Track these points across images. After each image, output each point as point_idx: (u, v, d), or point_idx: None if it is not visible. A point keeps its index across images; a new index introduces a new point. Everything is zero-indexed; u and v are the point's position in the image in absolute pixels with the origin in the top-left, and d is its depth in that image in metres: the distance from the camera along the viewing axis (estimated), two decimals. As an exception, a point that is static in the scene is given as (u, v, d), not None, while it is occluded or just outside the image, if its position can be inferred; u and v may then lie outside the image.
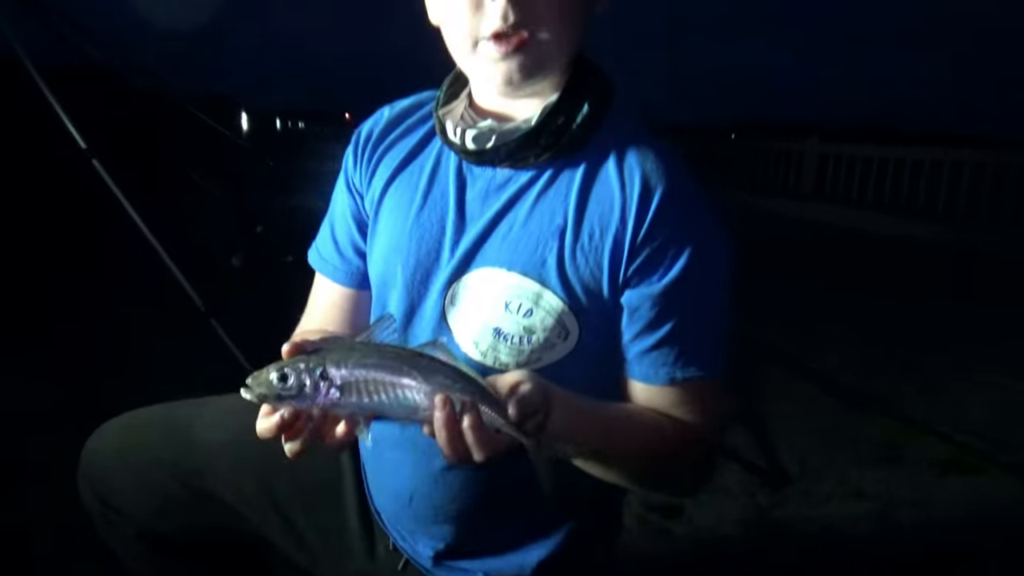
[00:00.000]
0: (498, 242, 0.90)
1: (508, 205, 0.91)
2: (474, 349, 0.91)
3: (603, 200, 0.88)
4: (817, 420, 3.16)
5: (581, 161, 0.90)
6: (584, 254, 0.87)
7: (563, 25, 0.84)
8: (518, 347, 0.89)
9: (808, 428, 3.05)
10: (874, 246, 8.94)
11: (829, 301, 5.56)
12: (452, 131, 0.93)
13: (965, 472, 2.74)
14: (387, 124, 1.04)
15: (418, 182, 0.97)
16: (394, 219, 0.98)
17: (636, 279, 0.87)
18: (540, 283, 0.88)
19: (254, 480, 1.13)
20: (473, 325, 0.91)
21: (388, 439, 0.99)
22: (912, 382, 3.72)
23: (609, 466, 0.89)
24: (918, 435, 3.05)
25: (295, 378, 0.72)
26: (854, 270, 7.23)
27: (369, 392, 0.73)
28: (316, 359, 0.73)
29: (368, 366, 0.72)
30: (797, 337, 4.43)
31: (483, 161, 0.92)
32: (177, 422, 1.17)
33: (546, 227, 0.89)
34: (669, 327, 0.87)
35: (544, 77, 0.88)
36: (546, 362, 0.90)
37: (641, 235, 0.86)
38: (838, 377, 3.73)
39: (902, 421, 3.19)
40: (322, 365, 0.72)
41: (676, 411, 0.91)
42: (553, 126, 0.89)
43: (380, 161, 1.02)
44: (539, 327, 0.88)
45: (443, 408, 0.71)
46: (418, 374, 0.73)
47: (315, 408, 0.73)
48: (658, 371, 0.89)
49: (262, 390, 0.72)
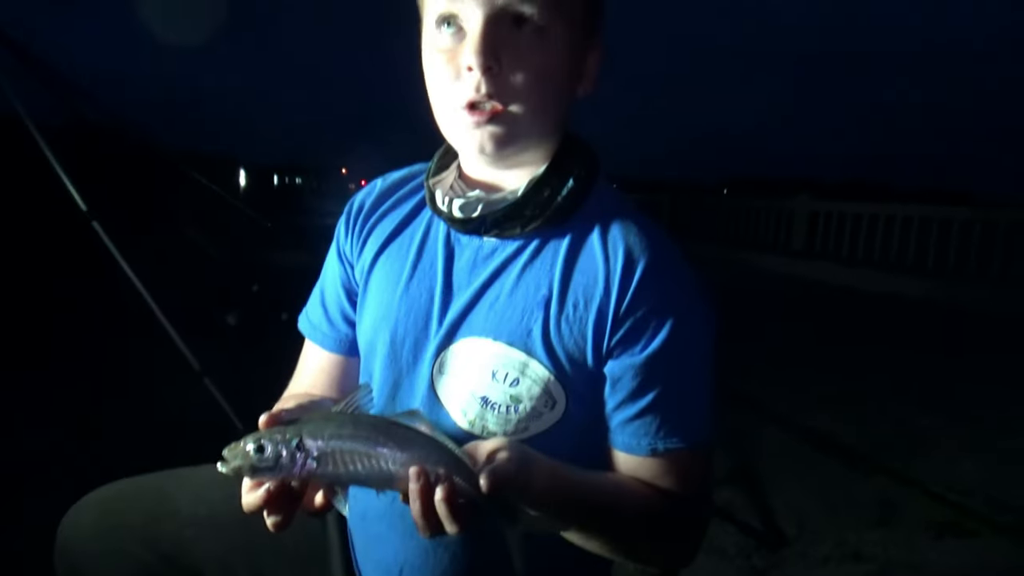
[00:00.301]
0: (484, 312, 0.91)
1: (494, 275, 0.92)
2: (462, 418, 0.91)
3: (587, 271, 0.89)
4: (813, 479, 3.14)
5: (566, 232, 0.91)
6: (569, 324, 0.88)
7: (538, 101, 0.86)
8: (505, 416, 0.90)
9: (804, 488, 3.03)
10: (864, 303, 9.00)
11: (821, 358, 5.58)
12: (441, 200, 0.95)
13: (962, 535, 2.71)
14: (379, 195, 1.06)
15: (407, 252, 0.99)
16: (383, 288, 0.99)
17: (619, 349, 0.88)
18: (526, 352, 0.88)
19: (238, 553, 1.11)
20: (461, 394, 0.91)
21: (376, 511, 0.98)
22: (907, 440, 3.72)
23: (593, 537, 0.89)
24: (914, 494, 3.03)
25: (272, 449, 0.72)
26: (845, 327, 7.26)
27: (345, 462, 0.73)
28: (292, 430, 0.73)
29: (344, 436, 0.73)
30: (791, 395, 4.43)
31: (470, 230, 0.94)
32: (157, 495, 1.14)
33: (531, 297, 0.90)
34: (651, 397, 0.88)
35: (520, 149, 0.90)
36: (533, 431, 0.90)
37: (624, 306, 0.87)
38: (833, 435, 3.72)
39: (898, 480, 3.17)
40: (298, 436, 0.72)
41: (660, 482, 0.90)
42: (539, 198, 0.90)
43: (371, 231, 1.04)
44: (526, 396, 0.89)
45: (417, 480, 0.71)
46: (393, 444, 0.73)
47: (293, 479, 0.73)
48: (640, 441, 0.89)
49: (238, 462, 0.72)
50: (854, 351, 5.92)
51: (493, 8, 0.81)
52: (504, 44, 0.82)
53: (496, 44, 0.82)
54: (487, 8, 0.81)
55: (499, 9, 0.81)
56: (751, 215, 14.30)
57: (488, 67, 0.82)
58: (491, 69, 0.82)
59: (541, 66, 0.84)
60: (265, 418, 0.75)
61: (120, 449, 2.58)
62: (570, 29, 0.86)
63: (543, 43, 0.84)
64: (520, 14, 0.82)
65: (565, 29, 0.85)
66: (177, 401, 2.64)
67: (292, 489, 0.74)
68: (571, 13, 0.85)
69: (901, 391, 4.69)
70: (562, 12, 0.84)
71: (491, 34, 0.81)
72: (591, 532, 0.88)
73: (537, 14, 0.82)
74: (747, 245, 13.67)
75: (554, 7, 0.83)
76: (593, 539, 0.89)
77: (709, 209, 15.93)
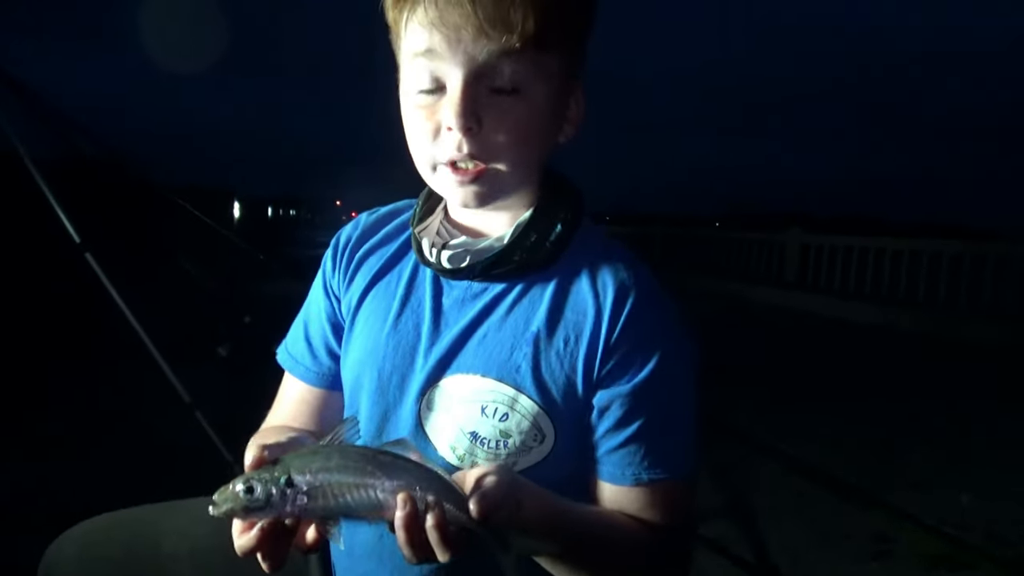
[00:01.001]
0: (473, 348, 0.92)
1: (483, 313, 0.93)
2: (451, 454, 0.91)
3: (577, 308, 0.91)
4: (807, 513, 3.12)
5: (554, 272, 0.93)
6: (559, 358, 0.89)
7: (520, 157, 0.87)
8: (495, 451, 0.90)
9: (798, 521, 3.01)
10: (857, 334, 9.04)
11: (814, 390, 5.58)
12: (428, 250, 0.96)
13: (957, 568, 2.70)
14: (365, 231, 1.06)
15: (396, 289, 0.99)
16: (371, 325, 0.99)
17: (608, 380, 0.89)
18: (515, 387, 0.89)
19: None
20: (449, 430, 0.91)
21: (364, 547, 0.97)
22: (900, 473, 3.71)
23: (580, 568, 0.88)
24: (908, 528, 3.01)
25: (261, 489, 0.71)
26: (838, 359, 7.28)
27: (335, 495, 0.72)
28: (280, 468, 0.73)
29: (331, 469, 0.73)
30: (784, 428, 4.43)
31: (458, 277, 0.95)
32: (140, 529, 1.12)
33: (520, 334, 0.91)
34: (636, 427, 0.89)
35: (503, 200, 0.92)
36: (522, 466, 0.90)
37: (614, 338, 0.88)
38: (827, 469, 3.71)
39: (892, 513, 3.16)
40: (287, 473, 0.72)
41: (645, 514, 0.90)
42: (526, 243, 0.92)
43: (359, 267, 1.04)
44: (515, 431, 0.89)
45: (404, 507, 0.71)
46: (382, 473, 0.73)
47: (285, 517, 0.73)
48: (624, 471, 0.89)
49: (229, 505, 0.72)
50: (847, 383, 5.93)
51: (474, 68, 0.81)
52: (484, 105, 0.83)
53: (476, 105, 0.82)
54: (467, 71, 0.82)
55: (479, 68, 0.82)
56: (743, 247, 14.41)
57: (468, 128, 0.82)
58: (471, 130, 0.82)
59: (521, 124, 0.85)
60: (251, 460, 0.75)
61: (108, 481, 2.55)
62: (548, 85, 0.86)
63: (524, 104, 0.84)
64: (499, 73, 0.82)
65: (543, 85, 0.85)
66: (167, 433, 2.62)
67: (285, 527, 0.74)
68: (551, 70, 0.86)
69: (895, 424, 4.69)
70: (539, 71, 0.84)
71: (470, 96, 0.82)
72: (579, 562, 0.87)
73: (518, 77, 0.83)
74: (739, 277, 13.75)
75: (535, 67, 0.83)
76: (580, 570, 0.88)
77: (702, 241, 16.04)
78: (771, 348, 7.69)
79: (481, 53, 0.81)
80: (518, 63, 0.82)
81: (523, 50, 0.81)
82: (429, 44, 0.82)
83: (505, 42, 0.80)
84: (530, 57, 0.82)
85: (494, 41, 0.80)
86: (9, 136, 2.37)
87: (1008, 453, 4.09)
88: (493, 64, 0.81)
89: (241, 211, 24.84)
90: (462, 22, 0.79)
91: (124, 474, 2.70)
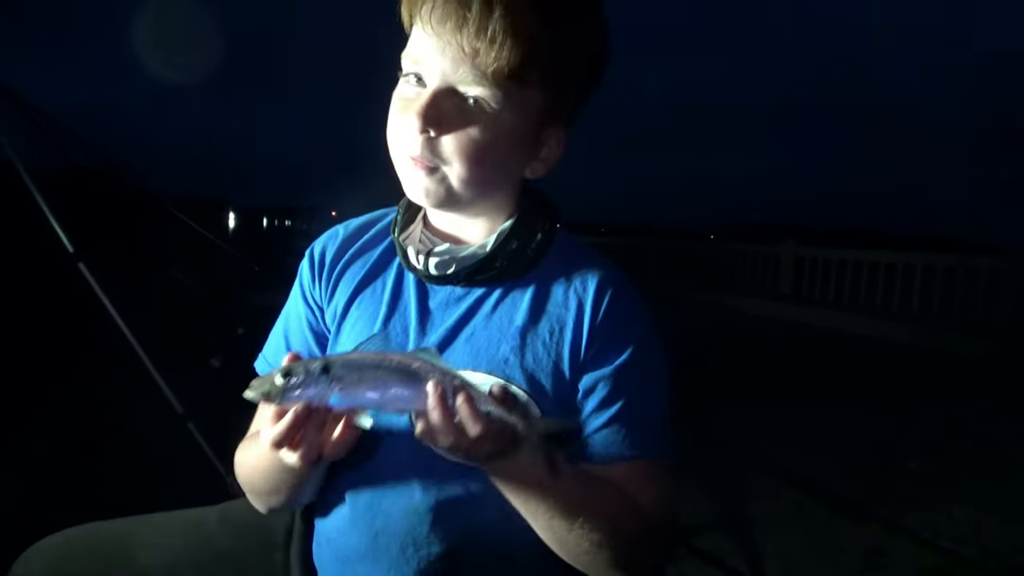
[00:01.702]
0: (461, 346, 0.97)
1: (469, 313, 0.98)
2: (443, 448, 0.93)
3: (558, 302, 0.98)
4: (801, 525, 3.12)
5: (534, 275, 1.00)
6: (546, 347, 0.96)
7: (476, 172, 0.91)
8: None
9: (792, 533, 3.01)
10: (852, 347, 9.06)
11: (809, 402, 5.58)
12: (414, 257, 1.00)
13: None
14: (343, 242, 1.09)
15: (382, 295, 1.03)
16: (359, 330, 1.01)
17: (592, 363, 0.96)
18: (504, 379, 0.93)
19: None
20: None
21: (357, 551, 0.98)
22: (895, 486, 3.71)
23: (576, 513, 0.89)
24: (903, 541, 3.01)
25: (299, 374, 0.76)
26: (833, 371, 7.29)
27: (368, 384, 0.77)
28: (319, 360, 0.78)
29: (366, 364, 0.78)
30: (779, 440, 4.42)
31: (443, 283, 1.00)
32: (115, 542, 1.11)
33: (506, 329, 0.97)
34: (619, 406, 0.95)
35: (462, 208, 0.98)
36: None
37: (597, 324, 0.96)
38: (821, 481, 3.71)
39: (887, 526, 3.16)
40: (325, 362, 0.77)
41: (629, 491, 0.94)
42: (508, 250, 0.97)
43: (341, 276, 1.06)
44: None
45: (436, 390, 0.76)
46: (411, 369, 0.78)
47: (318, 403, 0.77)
48: (608, 450, 0.94)
49: (266, 388, 0.76)
50: (841, 396, 5.94)
51: (446, 81, 0.87)
52: (449, 114, 0.88)
53: (440, 113, 0.87)
54: (441, 80, 0.88)
55: (452, 83, 0.87)
56: (738, 259, 14.44)
57: (425, 130, 0.87)
58: (427, 132, 0.88)
59: (476, 142, 0.89)
60: (289, 355, 0.79)
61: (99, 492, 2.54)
62: (519, 117, 0.90)
63: (487, 123, 0.89)
64: (468, 94, 0.88)
65: (513, 116, 0.89)
66: (160, 444, 2.60)
67: (317, 414, 0.78)
68: (525, 103, 0.90)
69: (890, 437, 4.70)
70: (511, 101, 0.88)
71: (436, 103, 0.87)
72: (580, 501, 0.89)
73: (487, 98, 0.87)
74: (734, 289, 13.77)
75: (503, 96, 0.88)
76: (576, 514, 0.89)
77: (696, 254, 16.06)
78: (765, 360, 7.70)
79: (458, 67, 0.86)
80: (491, 88, 0.87)
81: (497, 77, 0.85)
82: (420, 46, 0.89)
83: (482, 65, 0.85)
84: (504, 86, 0.87)
85: (472, 61, 0.85)
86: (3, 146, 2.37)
87: (1002, 467, 4.10)
88: (466, 80, 0.87)
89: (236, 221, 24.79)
90: (450, 36, 0.86)
91: (116, 485, 2.68)
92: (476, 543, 0.95)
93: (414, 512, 0.94)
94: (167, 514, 1.12)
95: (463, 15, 0.84)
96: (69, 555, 1.09)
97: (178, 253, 3.58)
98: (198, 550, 0.75)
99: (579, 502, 0.89)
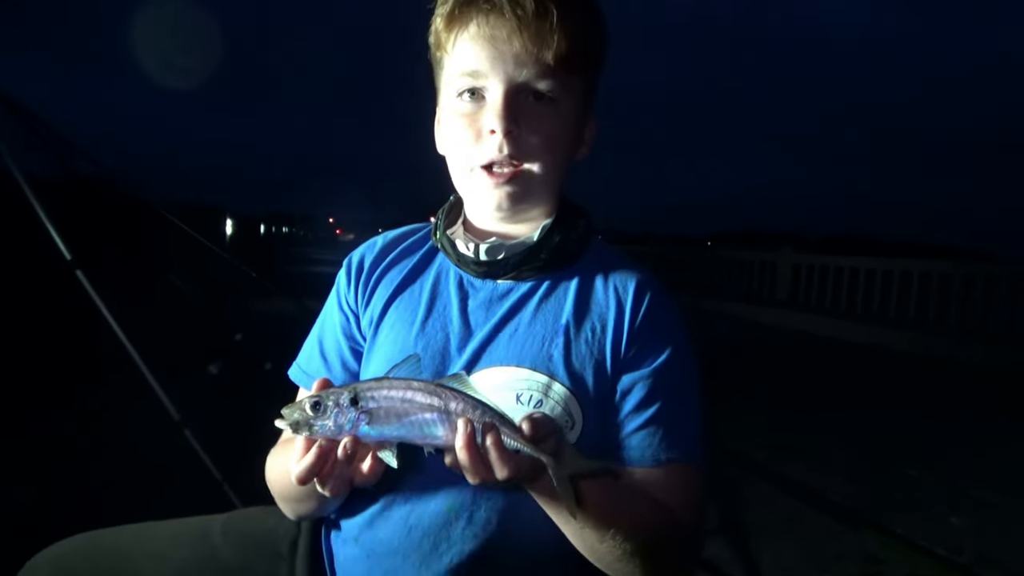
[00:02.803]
0: (505, 342, 0.99)
1: (512, 311, 1.01)
2: None
3: (600, 301, 1.01)
4: (800, 533, 3.12)
5: (575, 273, 1.03)
6: (588, 346, 0.98)
7: (552, 160, 0.98)
8: None
9: (791, 541, 3.00)
10: (849, 354, 9.07)
11: (807, 410, 5.59)
12: (464, 246, 1.04)
13: (948, 588, 2.70)
14: (381, 250, 1.12)
15: (420, 298, 1.05)
16: (397, 332, 1.04)
17: (631, 363, 0.98)
18: (548, 375, 0.96)
19: None
20: None
21: (387, 546, 0.98)
22: (892, 494, 3.71)
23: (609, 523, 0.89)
24: (900, 549, 3.01)
25: (329, 405, 0.77)
26: (830, 378, 7.29)
27: (398, 417, 0.78)
28: (347, 389, 0.78)
29: (395, 395, 0.78)
30: (777, 448, 4.42)
31: (488, 274, 1.03)
32: (116, 553, 1.10)
33: (551, 326, 0.99)
34: (656, 408, 0.96)
35: (530, 206, 1.01)
36: None
37: (637, 325, 0.99)
38: (819, 489, 3.70)
39: (884, 534, 3.16)
40: (353, 393, 0.77)
41: (662, 495, 0.95)
42: (552, 242, 1.02)
43: (379, 283, 1.09)
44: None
45: (466, 428, 0.77)
46: (441, 402, 0.78)
47: (344, 436, 0.77)
48: (644, 452, 0.96)
49: (296, 416, 0.77)
50: (839, 402, 5.94)
51: (513, 82, 0.94)
52: (522, 112, 0.95)
53: (516, 111, 0.94)
54: (508, 82, 0.94)
55: (519, 83, 0.94)
56: (735, 267, 14.46)
57: (510, 130, 0.94)
58: (511, 132, 0.94)
59: (553, 132, 0.97)
60: (319, 381, 0.81)
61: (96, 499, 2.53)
62: (575, 103, 0.99)
63: (555, 113, 0.97)
64: (536, 89, 0.95)
65: (571, 103, 0.98)
66: (156, 450, 2.60)
67: (344, 448, 0.78)
68: (575, 90, 0.98)
69: (887, 444, 4.69)
70: (568, 89, 0.97)
71: (512, 103, 0.94)
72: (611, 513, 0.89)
73: (551, 89, 0.95)
74: (731, 296, 13.78)
75: (563, 84, 0.96)
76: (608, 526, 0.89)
77: (694, 261, 16.09)
78: (762, 367, 7.70)
79: (522, 66, 0.93)
80: (551, 78, 0.94)
81: (555, 67, 0.93)
82: (476, 59, 0.94)
83: (542, 58, 0.93)
84: (560, 75, 0.95)
85: (532, 56, 0.93)
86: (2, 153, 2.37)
87: (999, 474, 4.10)
88: (531, 77, 0.94)
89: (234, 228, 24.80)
90: (507, 38, 0.92)
91: (112, 491, 2.67)
92: (509, 545, 0.96)
93: (450, 509, 0.95)
94: (170, 523, 1.12)
95: (520, 16, 0.92)
96: (69, 568, 1.08)
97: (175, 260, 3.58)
98: (201, 561, 0.75)
99: (611, 513, 0.89)
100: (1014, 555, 3.00)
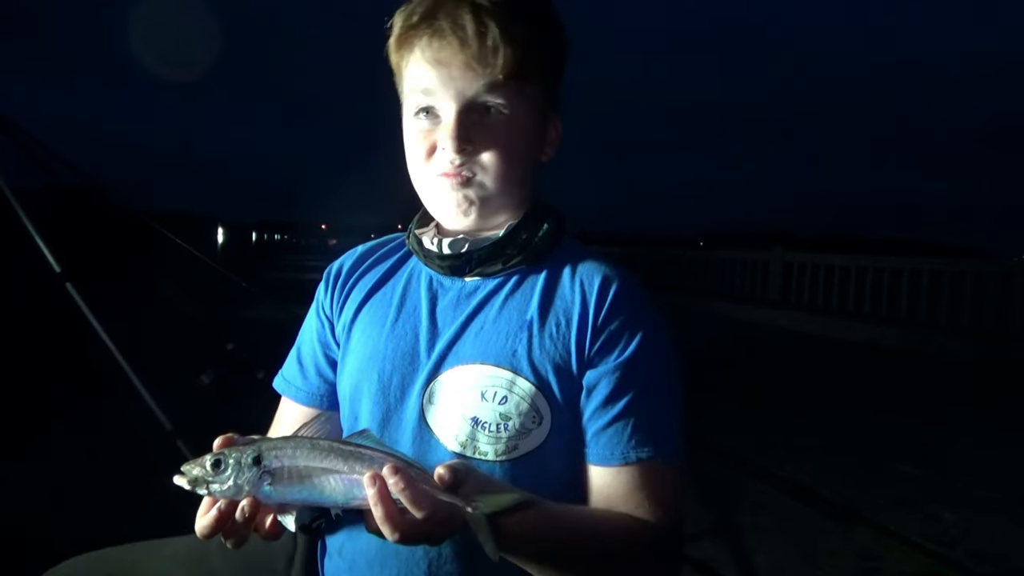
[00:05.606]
0: (471, 340, 0.98)
1: (478, 309, 1.00)
2: (454, 442, 0.95)
3: (566, 296, 1.00)
4: (794, 532, 3.13)
5: (542, 269, 1.02)
6: (552, 340, 0.97)
7: (505, 172, 0.97)
8: (496, 434, 0.93)
9: (785, 540, 3.02)
10: (841, 351, 9.11)
11: (800, 409, 5.61)
12: (429, 241, 1.04)
13: (942, 584, 2.71)
14: (359, 257, 1.13)
15: (391, 300, 1.06)
16: (368, 334, 1.04)
17: (597, 358, 0.96)
18: (512, 371, 0.95)
19: None
20: (452, 419, 0.95)
21: (366, 557, 0.98)
22: (885, 491, 3.73)
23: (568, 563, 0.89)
24: (893, 546, 3.03)
25: (230, 463, 0.73)
26: (822, 377, 7.33)
27: (300, 479, 0.74)
28: (251, 448, 0.74)
29: (299, 455, 0.74)
30: (770, 447, 4.44)
31: (455, 271, 1.02)
32: (121, 572, 1.12)
33: (515, 322, 0.98)
34: (623, 404, 0.94)
35: (493, 211, 1.01)
36: (523, 450, 0.94)
37: (601, 318, 0.96)
38: (813, 487, 3.72)
39: (878, 531, 3.17)
40: (256, 452, 0.74)
41: (633, 498, 0.92)
42: (518, 239, 1.01)
43: (352, 288, 1.10)
44: (515, 412, 0.94)
45: (373, 484, 0.73)
46: (348, 460, 0.75)
47: (244, 498, 0.74)
48: (613, 451, 0.93)
49: (196, 474, 0.74)
50: (831, 400, 5.97)
51: (464, 100, 0.94)
52: (475, 128, 0.94)
53: (468, 129, 0.94)
54: (459, 101, 0.94)
55: (469, 101, 0.94)
56: (727, 267, 14.51)
57: (463, 148, 0.94)
58: (465, 150, 0.94)
59: (508, 142, 0.96)
60: (221, 439, 0.78)
61: (89, 513, 2.53)
62: (531, 111, 0.98)
63: (509, 123, 0.96)
64: (488, 103, 0.94)
65: (528, 110, 0.98)
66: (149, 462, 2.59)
67: (243, 511, 0.75)
68: (532, 96, 0.98)
69: (879, 441, 4.72)
70: (523, 96, 0.96)
71: (464, 120, 0.94)
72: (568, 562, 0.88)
73: (503, 102, 0.95)
74: (723, 296, 13.83)
75: (518, 93, 0.95)
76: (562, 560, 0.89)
77: (686, 261, 16.13)
78: (755, 366, 7.73)
79: (470, 85, 0.93)
80: (502, 90, 0.94)
81: (505, 80, 0.93)
82: (426, 79, 0.94)
83: (489, 75, 0.92)
84: (512, 85, 0.94)
85: (480, 75, 0.93)
86: (-11, 166, 2.36)
87: (991, 469, 4.13)
88: (481, 91, 0.93)
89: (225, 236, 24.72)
90: (456, 58, 0.92)
91: (105, 506, 2.66)
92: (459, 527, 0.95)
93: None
94: (171, 541, 1.13)
95: (461, 37, 0.91)
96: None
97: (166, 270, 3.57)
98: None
99: (567, 546, 0.88)
100: (1006, 550, 3.02)
